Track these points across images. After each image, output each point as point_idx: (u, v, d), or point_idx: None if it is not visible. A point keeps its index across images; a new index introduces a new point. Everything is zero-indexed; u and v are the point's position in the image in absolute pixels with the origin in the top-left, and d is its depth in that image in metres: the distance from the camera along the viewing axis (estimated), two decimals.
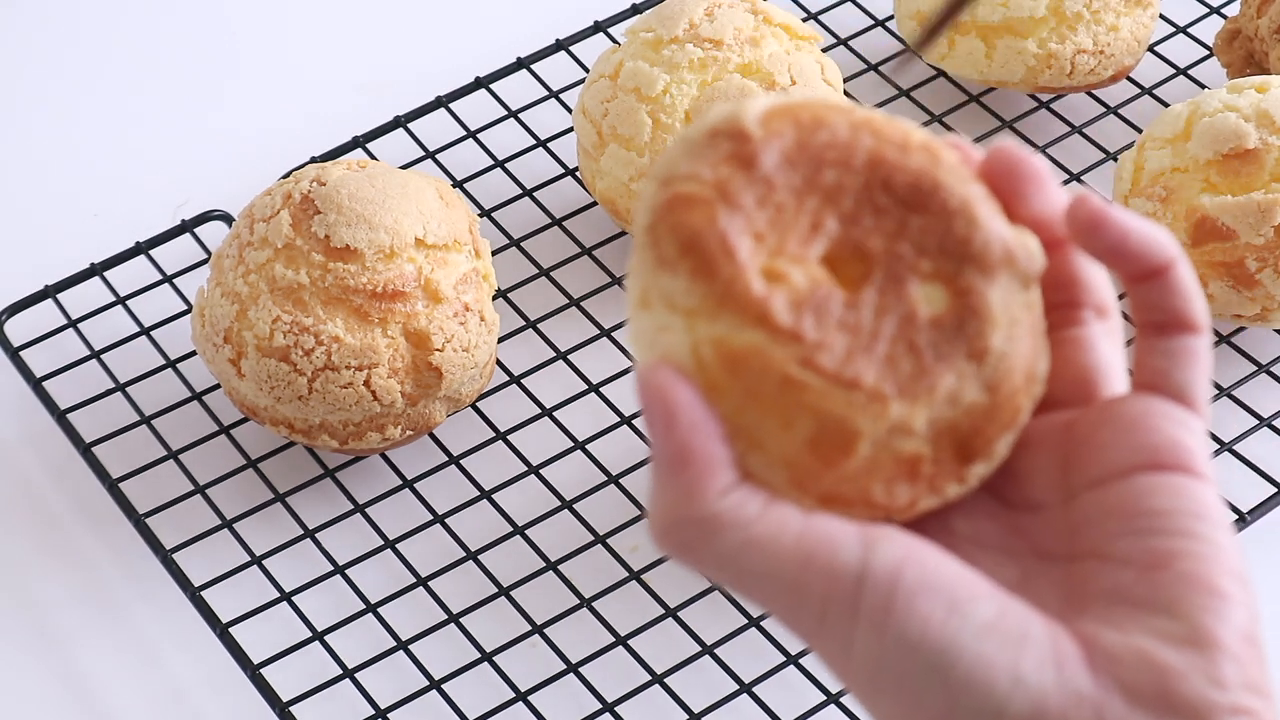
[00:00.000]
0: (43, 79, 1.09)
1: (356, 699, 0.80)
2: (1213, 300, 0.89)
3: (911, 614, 0.47)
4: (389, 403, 0.83)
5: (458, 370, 0.84)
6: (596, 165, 0.93)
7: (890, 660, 0.47)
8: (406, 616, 0.82)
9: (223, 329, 0.84)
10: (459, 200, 0.88)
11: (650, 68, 0.91)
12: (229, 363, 0.84)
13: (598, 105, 0.92)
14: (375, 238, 0.83)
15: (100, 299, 0.95)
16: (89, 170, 1.04)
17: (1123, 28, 0.99)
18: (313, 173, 0.86)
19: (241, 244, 0.85)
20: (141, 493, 0.87)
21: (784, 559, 0.48)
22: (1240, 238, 0.87)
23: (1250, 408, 0.89)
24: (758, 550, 0.48)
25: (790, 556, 0.48)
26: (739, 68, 0.91)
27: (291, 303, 0.83)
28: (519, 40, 1.06)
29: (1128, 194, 0.92)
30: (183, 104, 1.08)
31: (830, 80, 0.93)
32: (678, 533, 0.49)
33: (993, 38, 0.99)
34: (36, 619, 0.85)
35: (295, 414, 0.84)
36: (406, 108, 1.02)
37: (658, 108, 0.90)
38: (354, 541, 0.85)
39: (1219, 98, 0.90)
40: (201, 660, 0.82)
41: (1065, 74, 0.98)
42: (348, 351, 0.82)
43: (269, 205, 0.85)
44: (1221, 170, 0.88)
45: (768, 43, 0.92)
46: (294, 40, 1.12)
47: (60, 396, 0.90)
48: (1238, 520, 0.84)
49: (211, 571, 0.83)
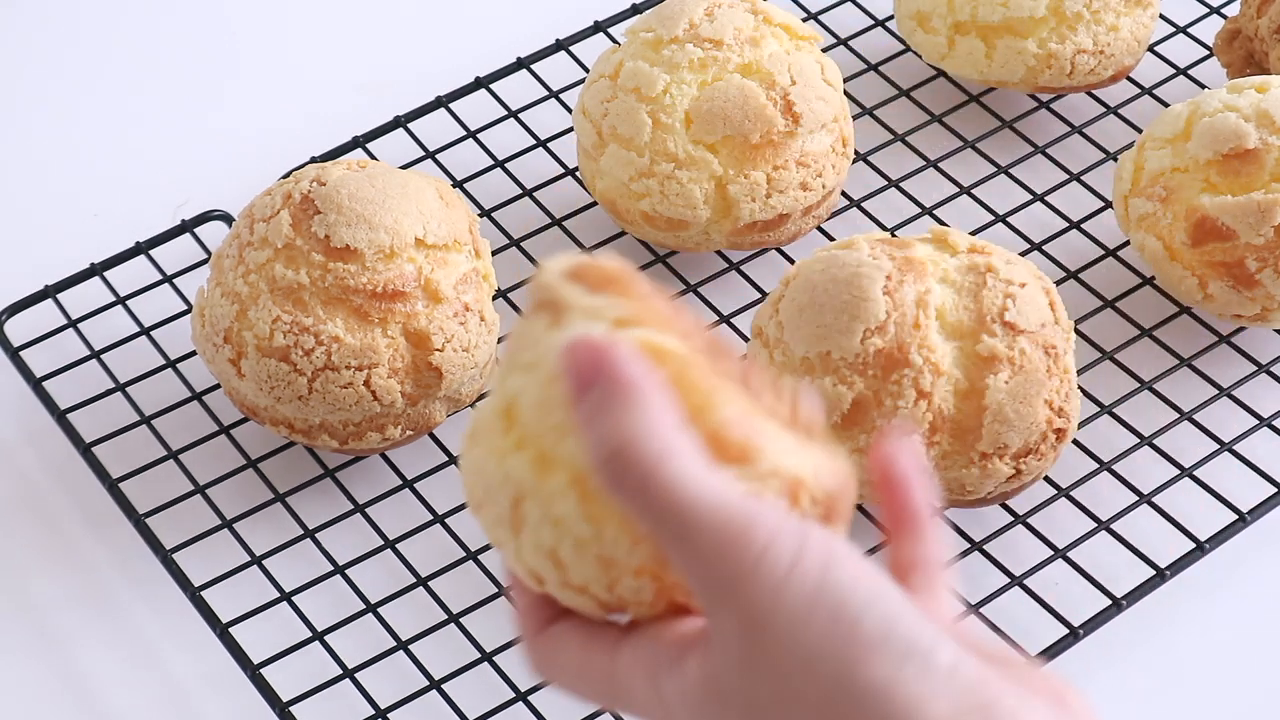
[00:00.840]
0: (43, 79, 1.09)
1: (356, 699, 0.80)
2: (1213, 300, 0.89)
3: (845, 567, 0.51)
4: (389, 403, 0.83)
5: (458, 370, 0.84)
6: (596, 165, 0.93)
7: (825, 600, 0.50)
8: (406, 616, 0.82)
9: (223, 329, 0.84)
10: (459, 200, 0.88)
11: (650, 68, 0.91)
12: (229, 363, 0.84)
13: (598, 105, 0.92)
14: (375, 238, 0.83)
15: (100, 299, 0.95)
16: (89, 170, 1.04)
17: (1123, 28, 0.99)
18: (313, 173, 0.86)
19: (241, 244, 0.85)
20: (141, 493, 0.87)
21: (732, 496, 0.51)
22: (1240, 238, 0.87)
23: (1250, 408, 0.89)
24: (710, 486, 0.51)
25: (738, 496, 0.51)
26: (739, 68, 0.91)
27: (291, 303, 0.83)
28: (519, 40, 1.06)
29: (1127, 194, 0.92)
30: (183, 104, 1.08)
31: (830, 80, 0.93)
32: (623, 458, 0.51)
33: (993, 38, 0.99)
34: (36, 619, 0.85)
35: (295, 414, 0.84)
36: (406, 107, 1.02)
37: (658, 108, 0.90)
38: (354, 541, 0.85)
39: (1219, 98, 0.90)
40: (201, 660, 0.82)
41: (1065, 74, 0.98)
42: (348, 351, 0.82)
43: (269, 205, 0.85)
44: (1221, 170, 0.88)
45: (768, 43, 0.92)
46: (294, 40, 1.12)
47: (60, 396, 0.90)
48: (1238, 520, 0.84)
49: (211, 571, 0.83)
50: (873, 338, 0.80)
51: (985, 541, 0.84)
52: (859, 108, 1.03)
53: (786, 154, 0.91)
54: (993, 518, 0.85)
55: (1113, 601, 0.82)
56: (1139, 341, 0.92)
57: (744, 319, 0.93)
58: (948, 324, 0.81)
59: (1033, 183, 0.99)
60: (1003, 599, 0.82)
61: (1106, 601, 0.82)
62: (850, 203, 0.99)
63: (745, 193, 0.90)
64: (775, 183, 0.90)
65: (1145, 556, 0.83)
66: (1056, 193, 0.99)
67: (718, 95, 0.90)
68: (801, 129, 0.91)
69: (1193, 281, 0.89)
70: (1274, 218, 0.86)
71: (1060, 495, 0.85)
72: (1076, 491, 0.86)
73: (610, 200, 0.93)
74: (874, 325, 0.80)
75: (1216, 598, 0.84)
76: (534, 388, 0.55)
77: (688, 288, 0.95)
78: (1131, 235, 0.92)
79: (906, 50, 1.05)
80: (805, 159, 0.91)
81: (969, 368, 0.80)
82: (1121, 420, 0.88)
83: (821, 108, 0.91)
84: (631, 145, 0.91)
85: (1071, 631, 0.80)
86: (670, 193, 0.90)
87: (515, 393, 0.55)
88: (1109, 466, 0.87)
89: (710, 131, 0.90)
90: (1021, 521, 0.85)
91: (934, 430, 0.79)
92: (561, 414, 0.54)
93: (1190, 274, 0.89)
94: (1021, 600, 0.82)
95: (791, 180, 0.91)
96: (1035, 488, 0.86)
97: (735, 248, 0.93)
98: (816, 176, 0.91)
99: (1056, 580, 0.83)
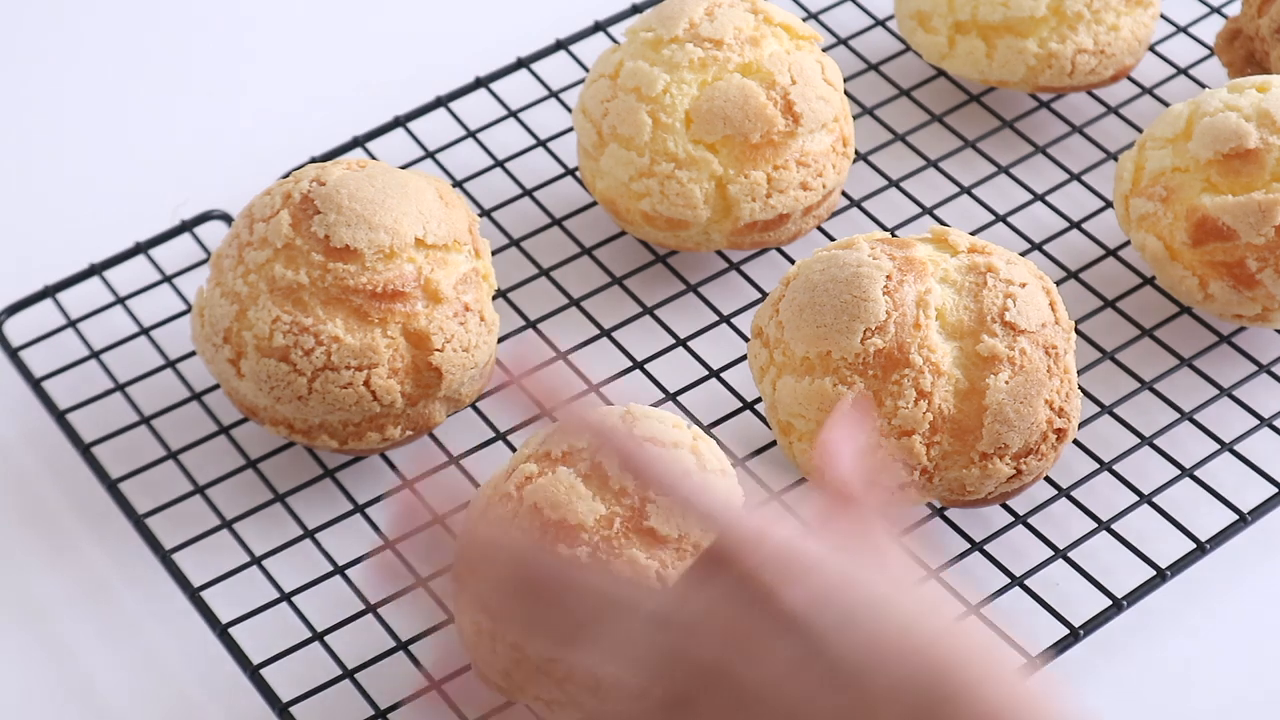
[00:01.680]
0: (43, 79, 1.09)
1: (356, 699, 0.80)
2: (1213, 300, 0.89)
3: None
4: (389, 403, 0.83)
5: (458, 370, 0.84)
6: (596, 165, 0.93)
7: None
8: (406, 616, 0.82)
9: (222, 329, 0.84)
10: (459, 200, 0.88)
11: (650, 67, 0.91)
12: (229, 363, 0.84)
13: (598, 105, 0.92)
14: (375, 238, 0.83)
15: (100, 299, 0.95)
16: (89, 170, 1.04)
17: (1123, 27, 0.99)
18: (312, 173, 0.86)
19: (241, 244, 0.85)
20: (141, 493, 0.87)
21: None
22: (1241, 237, 0.87)
23: (1250, 408, 0.89)
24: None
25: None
26: (739, 67, 0.91)
27: (291, 303, 0.83)
28: (519, 40, 1.06)
29: (1128, 194, 0.91)
30: (182, 104, 1.08)
31: (831, 80, 0.92)
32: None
33: (993, 37, 0.98)
34: (36, 619, 0.84)
35: (295, 414, 0.84)
36: (407, 107, 1.02)
37: (658, 107, 0.90)
38: (354, 541, 0.85)
39: (1220, 97, 0.90)
40: (201, 660, 0.82)
41: (1066, 74, 0.98)
42: (347, 351, 0.82)
43: (268, 205, 0.85)
44: (1222, 170, 0.88)
45: (768, 42, 0.92)
46: (294, 40, 1.12)
47: (60, 396, 0.90)
48: (1238, 520, 0.84)
49: (211, 572, 0.83)
50: (873, 338, 0.80)
51: (985, 541, 0.84)
52: (859, 107, 1.03)
53: (787, 154, 0.90)
54: (993, 518, 0.85)
55: (1113, 601, 0.82)
56: (1139, 341, 0.92)
57: (744, 319, 0.93)
58: (948, 324, 0.81)
59: (1033, 182, 0.99)
60: (1003, 599, 0.82)
61: (1106, 601, 0.82)
62: (850, 202, 0.99)
63: (745, 192, 0.90)
64: (775, 182, 0.90)
65: (1145, 556, 0.83)
66: (1057, 192, 0.99)
67: (718, 95, 0.90)
68: (802, 129, 0.91)
69: (1193, 281, 0.89)
70: (1275, 217, 0.86)
71: (1060, 495, 0.85)
72: (1077, 491, 0.86)
73: (610, 200, 0.93)
74: (874, 325, 0.80)
75: (1217, 598, 0.84)
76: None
77: (688, 287, 0.95)
78: (1132, 235, 0.92)
79: (907, 50, 1.05)
80: (806, 159, 0.91)
81: (969, 368, 0.80)
82: (1122, 420, 0.88)
83: (822, 107, 0.91)
84: (632, 145, 0.91)
85: (1071, 631, 0.80)
86: (670, 192, 0.90)
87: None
88: (1109, 466, 0.86)
89: (710, 131, 0.90)
90: (1022, 521, 0.85)
91: (934, 430, 0.79)
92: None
93: (1191, 274, 0.89)
94: (1022, 600, 0.82)
95: (792, 180, 0.91)
96: (1035, 488, 0.86)
97: (736, 247, 0.93)
98: (817, 176, 0.91)
99: (1057, 580, 0.83)
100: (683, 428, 0.76)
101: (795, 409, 0.81)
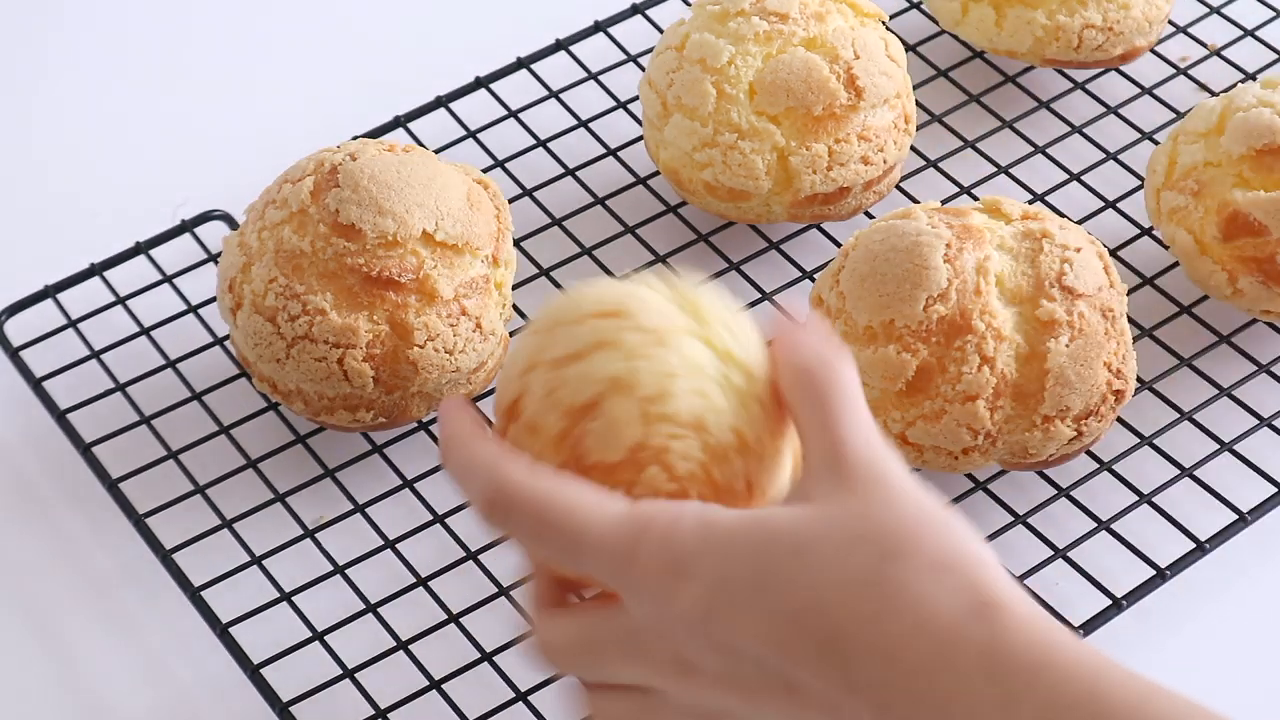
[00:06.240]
0: (43, 79, 1.09)
1: (356, 699, 0.80)
2: (1242, 295, 0.89)
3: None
4: (359, 385, 0.83)
5: (434, 370, 0.84)
6: (660, 135, 0.94)
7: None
8: (406, 616, 0.82)
9: (229, 278, 0.85)
10: (489, 206, 0.87)
11: (716, 39, 0.92)
12: (230, 311, 0.85)
13: (663, 76, 0.93)
14: (380, 222, 0.83)
15: (100, 299, 0.95)
16: (89, 170, 1.04)
17: (1134, 6, 0.99)
18: (352, 147, 0.86)
19: (268, 199, 0.86)
20: (141, 493, 0.87)
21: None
22: (1272, 233, 0.87)
23: (1250, 408, 0.89)
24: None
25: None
26: (803, 41, 0.92)
27: (291, 268, 0.83)
28: (519, 40, 1.06)
29: (1160, 187, 0.92)
30: (182, 104, 1.08)
31: (894, 56, 0.93)
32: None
33: (1004, 6, 0.99)
34: (36, 619, 0.85)
35: (275, 374, 0.84)
36: (406, 107, 1.02)
37: (722, 79, 0.91)
38: (354, 541, 0.85)
39: (1253, 92, 0.91)
40: (201, 660, 0.82)
41: (1072, 47, 0.99)
42: (328, 327, 0.82)
43: (302, 169, 0.86)
44: (1254, 165, 0.88)
45: (833, 18, 0.93)
46: (294, 40, 1.12)
47: (60, 396, 0.90)
48: (1238, 520, 0.84)
49: (211, 572, 0.83)
50: (935, 305, 0.81)
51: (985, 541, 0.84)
52: None
53: (848, 127, 0.91)
54: (993, 517, 0.85)
55: (1113, 601, 0.82)
56: (1139, 341, 0.92)
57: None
58: (1007, 290, 0.82)
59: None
60: None
61: (1106, 601, 0.82)
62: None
63: (807, 164, 0.90)
64: (837, 155, 0.91)
65: (1145, 556, 0.83)
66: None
67: (781, 67, 0.91)
68: (864, 103, 0.91)
69: (1222, 276, 0.89)
70: None
71: (1060, 495, 0.85)
72: (1076, 491, 0.86)
73: (673, 170, 0.94)
74: (936, 293, 0.81)
75: (1216, 598, 0.84)
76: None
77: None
78: (1162, 228, 0.92)
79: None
80: (867, 133, 0.91)
81: (1029, 332, 0.81)
82: (1122, 420, 0.88)
83: (885, 83, 0.92)
84: (695, 115, 0.91)
85: (1071, 631, 0.80)
86: (733, 163, 0.91)
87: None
88: (1109, 466, 0.86)
89: (774, 103, 0.90)
90: (1022, 521, 0.85)
91: (997, 395, 0.80)
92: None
93: (1220, 269, 0.89)
94: None
95: (853, 153, 0.91)
96: (1035, 487, 0.86)
97: (796, 219, 0.93)
98: (878, 151, 0.92)
99: (1057, 580, 0.83)
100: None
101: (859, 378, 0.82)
